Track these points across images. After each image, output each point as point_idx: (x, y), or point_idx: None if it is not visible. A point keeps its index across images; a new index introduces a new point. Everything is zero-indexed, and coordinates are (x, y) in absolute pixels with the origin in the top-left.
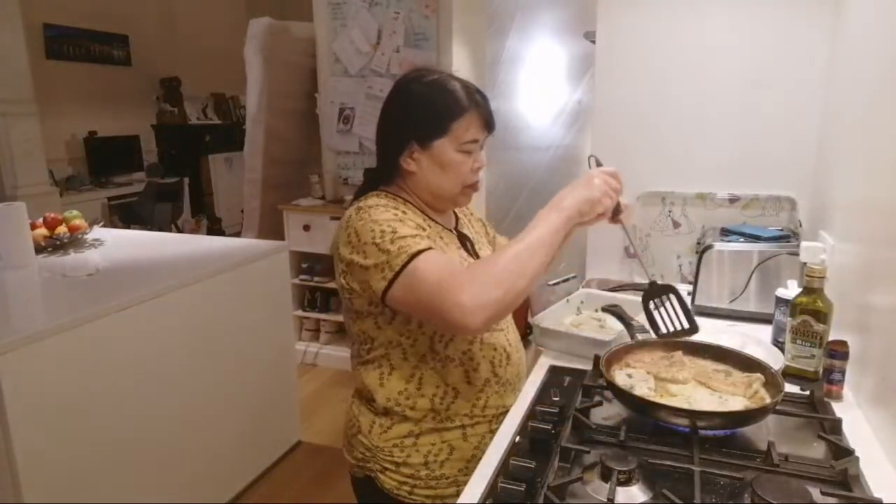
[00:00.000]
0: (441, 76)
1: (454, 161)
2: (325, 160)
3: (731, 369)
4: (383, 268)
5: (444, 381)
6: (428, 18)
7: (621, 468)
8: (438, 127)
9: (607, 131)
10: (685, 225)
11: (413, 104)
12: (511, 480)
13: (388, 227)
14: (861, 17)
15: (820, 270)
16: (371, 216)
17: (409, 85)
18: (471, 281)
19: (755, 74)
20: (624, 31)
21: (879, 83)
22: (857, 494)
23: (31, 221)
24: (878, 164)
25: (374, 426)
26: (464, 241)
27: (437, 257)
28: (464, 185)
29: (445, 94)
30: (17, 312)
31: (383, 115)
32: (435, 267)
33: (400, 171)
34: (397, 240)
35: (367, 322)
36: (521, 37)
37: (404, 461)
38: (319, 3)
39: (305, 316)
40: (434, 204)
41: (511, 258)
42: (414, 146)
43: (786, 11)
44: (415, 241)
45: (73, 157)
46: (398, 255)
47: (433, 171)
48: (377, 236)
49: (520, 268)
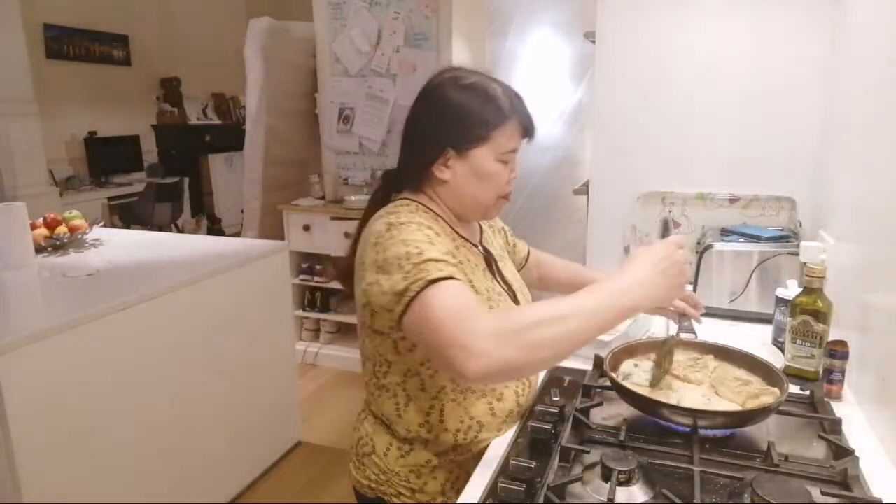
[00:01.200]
0: (481, 79)
1: (492, 171)
2: (325, 160)
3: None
4: (401, 292)
5: (467, 414)
6: (428, 18)
7: (621, 468)
8: (479, 135)
9: (607, 131)
10: (685, 225)
11: (452, 109)
12: (511, 480)
13: (414, 248)
14: (861, 18)
15: (820, 270)
16: (401, 234)
17: (447, 88)
18: (490, 326)
19: (755, 74)
20: (624, 31)
21: (879, 83)
22: (857, 494)
23: (31, 221)
24: (878, 164)
25: (390, 449)
26: (489, 260)
27: (457, 288)
28: (498, 195)
29: (488, 101)
30: (17, 312)
31: (416, 118)
32: (451, 298)
33: (430, 178)
34: (421, 263)
35: (386, 344)
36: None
37: (421, 488)
38: (319, 3)
39: (305, 316)
40: (464, 215)
41: (549, 320)
42: (450, 153)
43: (786, 11)
44: (437, 266)
45: (73, 157)
46: (417, 280)
47: (468, 181)
48: (403, 257)
49: (555, 337)
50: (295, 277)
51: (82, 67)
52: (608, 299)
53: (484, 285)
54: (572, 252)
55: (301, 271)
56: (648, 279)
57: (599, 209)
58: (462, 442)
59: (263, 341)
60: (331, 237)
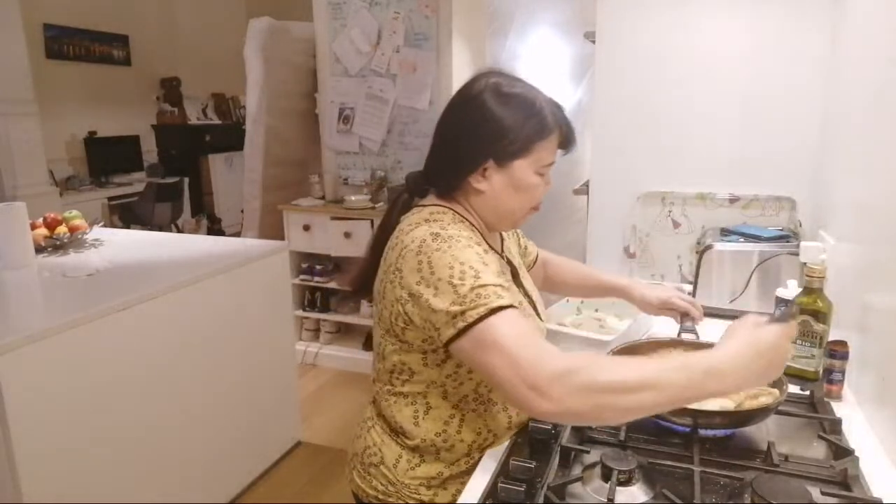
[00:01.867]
0: (525, 89)
1: (531, 183)
2: (325, 160)
3: None
4: (456, 315)
5: (486, 426)
6: (428, 18)
7: (621, 468)
8: (522, 147)
9: (607, 131)
10: (685, 225)
11: (495, 121)
12: (511, 480)
13: (469, 268)
14: (861, 18)
15: (820, 270)
16: (452, 250)
17: (489, 96)
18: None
19: (755, 74)
20: (624, 31)
21: (879, 83)
22: (857, 494)
23: (31, 221)
24: (878, 164)
25: (400, 460)
26: (514, 272)
27: (519, 320)
28: (530, 206)
29: (533, 113)
30: (17, 312)
31: (452, 126)
32: (516, 330)
33: (465, 187)
34: (478, 287)
35: (413, 356)
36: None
37: (431, 500)
38: (319, 3)
39: (305, 316)
40: (495, 225)
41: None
42: (489, 164)
43: (786, 11)
44: (496, 293)
45: (73, 157)
46: (476, 306)
47: (506, 192)
48: (456, 276)
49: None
50: (295, 277)
51: (82, 67)
52: (701, 378)
53: (517, 297)
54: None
55: (301, 271)
56: (750, 369)
57: (599, 209)
58: (474, 453)
59: (263, 341)
60: (331, 237)
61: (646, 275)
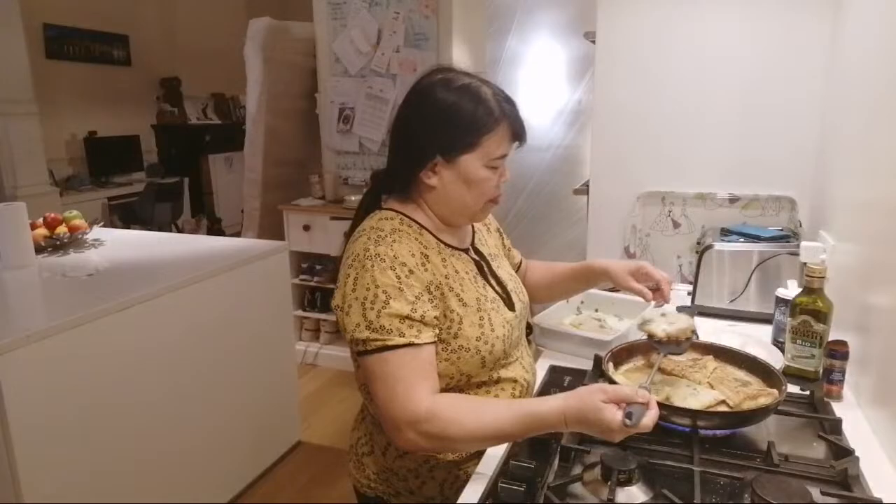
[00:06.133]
0: (471, 82)
1: (481, 177)
2: (325, 160)
3: (752, 380)
4: (358, 341)
5: None
6: (428, 18)
7: (621, 468)
8: (467, 141)
9: (607, 131)
10: (685, 225)
11: (439, 114)
12: (511, 480)
13: (382, 293)
14: (861, 18)
15: (820, 270)
16: (374, 270)
17: (435, 91)
18: (424, 423)
19: (755, 74)
20: (624, 31)
21: (879, 83)
22: (857, 494)
23: (31, 221)
24: (878, 164)
25: (388, 448)
26: (480, 265)
27: (410, 362)
28: (487, 199)
29: (477, 105)
30: (17, 312)
31: (402, 122)
32: (400, 376)
33: (418, 184)
34: (384, 316)
35: None
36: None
37: (419, 488)
38: (319, 3)
39: (305, 316)
40: (452, 220)
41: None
42: (437, 160)
43: (786, 12)
44: (400, 328)
45: (73, 157)
46: (375, 339)
47: (456, 187)
48: (369, 299)
49: (478, 443)
50: (295, 277)
51: (82, 67)
52: (534, 429)
53: (474, 295)
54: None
55: (301, 271)
56: (572, 427)
57: (599, 209)
58: None
59: (263, 341)
60: (331, 237)
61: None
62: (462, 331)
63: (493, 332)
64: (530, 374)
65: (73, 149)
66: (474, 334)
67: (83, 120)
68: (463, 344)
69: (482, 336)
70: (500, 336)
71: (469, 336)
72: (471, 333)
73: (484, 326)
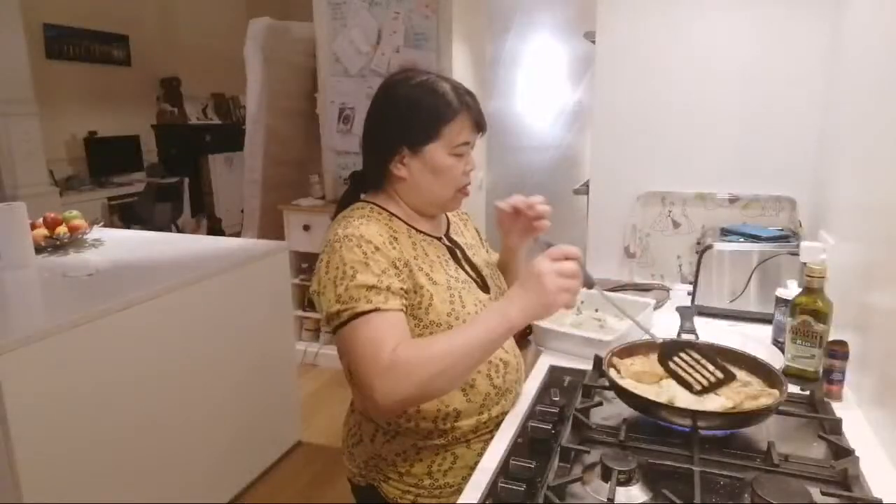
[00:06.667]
0: (429, 78)
1: (446, 165)
2: (325, 160)
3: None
4: (331, 316)
5: (443, 403)
6: (428, 18)
7: (621, 468)
8: (430, 131)
9: (607, 131)
10: (685, 225)
11: (402, 108)
12: (511, 480)
13: (350, 268)
14: (861, 18)
15: (820, 270)
16: (341, 250)
17: (396, 88)
18: (390, 371)
19: (755, 74)
20: (624, 31)
21: (879, 83)
22: (857, 494)
23: (31, 221)
24: (878, 164)
25: (377, 435)
26: (454, 250)
27: (378, 324)
28: (456, 188)
29: (435, 97)
30: (17, 312)
31: (370, 119)
32: (367, 338)
33: (389, 176)
34: (352, 288)
35: None
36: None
37: (408, 471)
38: (319, 3)
39: (305, 316)
40: (424, 210)
41: (438, 356)
42: (404, 151)
43: (786, 11)
44: (367, 295)
45: (73, 157)
46: (346, 309)
47: (425, 177)
48: (339, 276)
49: (444, 368)
50: (295, 277)
51: (82, 67)
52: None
53: (445, 276)
54: None
55: (301, 271)
56: (528, 292)
57: (599, 209)
58: (443, 427)
59: (263, 341)
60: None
61: (646, 275)
62: (433, 306)
63: (464, 308)
64: (511, 354)
65: (73, 149)
66: (445, 310)
67: (83, 120)
68: (434, 319)
69: (453, 312)
70: (472, 312)
71: (440, 311)
72: (441, 309)
73: (455, 303)
